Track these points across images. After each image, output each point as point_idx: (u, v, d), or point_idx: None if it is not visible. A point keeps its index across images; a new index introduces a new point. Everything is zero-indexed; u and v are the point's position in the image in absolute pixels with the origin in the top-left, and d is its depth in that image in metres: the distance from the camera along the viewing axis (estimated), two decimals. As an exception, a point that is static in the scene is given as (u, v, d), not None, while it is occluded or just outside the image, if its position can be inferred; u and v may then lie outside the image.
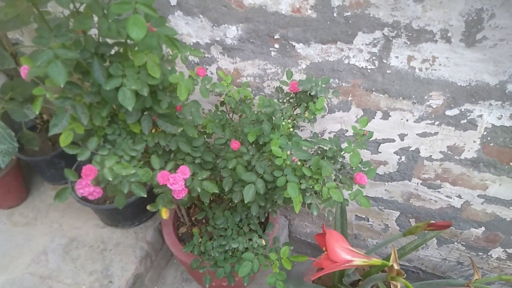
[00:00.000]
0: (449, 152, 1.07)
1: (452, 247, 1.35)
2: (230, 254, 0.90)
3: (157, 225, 1.27)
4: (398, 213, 1.32)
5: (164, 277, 1.35)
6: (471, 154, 1.04)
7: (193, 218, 1.18)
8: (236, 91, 1.00)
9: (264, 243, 0.89)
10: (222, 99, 1.05)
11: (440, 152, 1.08)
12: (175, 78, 0.71)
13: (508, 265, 1.31)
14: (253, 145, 0.89)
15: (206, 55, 1.10)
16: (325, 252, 0.78)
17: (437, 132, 1.03)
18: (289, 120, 0.81)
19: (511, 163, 1.02)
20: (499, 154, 1.01)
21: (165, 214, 0.96)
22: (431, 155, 1.10)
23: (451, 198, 1.19)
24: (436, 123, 1.01)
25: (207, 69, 1.14)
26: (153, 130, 0.90)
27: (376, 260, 0.80)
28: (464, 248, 1.33)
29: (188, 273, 1.32)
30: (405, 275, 0.78)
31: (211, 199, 1.10)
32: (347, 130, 1.14)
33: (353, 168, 0.84)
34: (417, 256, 1.46)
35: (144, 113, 0.82)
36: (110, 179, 0.69)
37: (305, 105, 0.87)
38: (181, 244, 1.04)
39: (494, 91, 0.90)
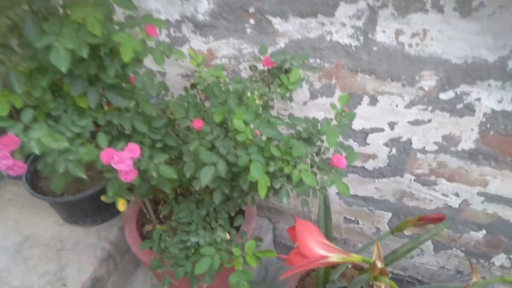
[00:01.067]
0: (444, 142, 0.96)
1: (450, 253, 1.22)
2: (193, 251, 0.78)
3: (123, 224, 1.16)
4: (390, 214, 1.20)
5: (132, 282, 1.23)
6: (469, 145, 0.93)
7: (161, 216, 1.06)
8: (208, 72, 0.90)
9: (228, 237, 0.78)
10: (193, 81, 0.95)
11: (435, 142, 0.97)
12: (119, 36, 0.61)
13: (513, 274, 1.19)
14: (221, 127, 0.79)
15: (176, 34, 1.01)
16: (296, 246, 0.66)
17: (431, 120, 0.92)
18: (257, 94, 0.71)
19: (513, 154, 0.91)
20: (500, 144, 0.90)
21: (122, 206, 0.85)
22: (424, 147, 0.99)
23: (447, 196, 1.07)
24: (429, 108, 0.90)
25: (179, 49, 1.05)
26: (106, 108, 0.79)
27: (356, 256, 0.68)
28: (464, 254, 1.21)
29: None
30: (390, 275, 0.66)
31: (179, 192, 0.98)
32: (332, 119, 1.04)
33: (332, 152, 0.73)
34: (412, 264, 1.33)
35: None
36: (37, 152, 0.58)
37: (279, 81, 0.77)
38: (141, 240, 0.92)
39: (493, 69, 0.80)
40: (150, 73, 0.72)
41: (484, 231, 1.11)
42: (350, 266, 1.24)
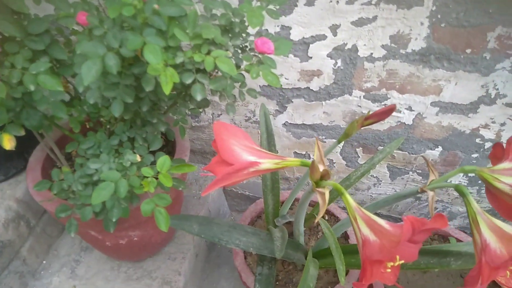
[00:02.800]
0: (392, 44, 0.84)
1: (407, 178, 1.15)
2: (102, 186, 0.63)
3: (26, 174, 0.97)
4: (342, 142, 1.09)
5: (57, 248, 1.06)
6: (419, 44, 0.83)
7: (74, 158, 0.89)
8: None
9: (139, 160, 0.63)
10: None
11: (382, 46, 0.85)
12: None
13: (470, 192, 1.13)
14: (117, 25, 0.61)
15: None
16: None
17: (376, 17, 0.80)
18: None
19: (467, 50, 0.81)
20: (453, 38, 0.80)
21: (8, 143, 0.67)
22: (371, 53, 0.87)
23: (400, 112, 0.97)
24: (374, 1, 0.78)
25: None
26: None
27: (293, 160, 0.55)
28: (421, 178, 1.14)
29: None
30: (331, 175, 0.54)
31: (88, 127, 0.81)
32: (267, 29, 0.89)
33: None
34: (369, 196, 1.25)
35: None
36: None
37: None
38: (50, 191, 0.75)
39: None
40: None
41: (440, 148, 1.03)
42: (304, 203, 1.13)
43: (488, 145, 0.98)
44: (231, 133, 0.53)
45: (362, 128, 1.04)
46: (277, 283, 0.95)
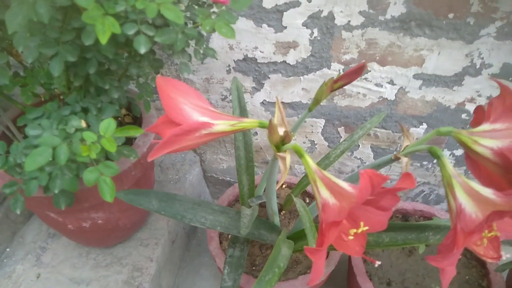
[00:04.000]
0: (370, 10, 0.79)
1: (392, 159, 1.09)
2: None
3: None
4: (323, 121, 1.04)
5: (23, 235, 1.00)
6: (399, 9, 0.77)
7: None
8: None
9: (84, 125, 0.57)
10: None
11: (360, 13, 0.80)
12: None
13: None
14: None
15: None
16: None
17: (352, -21, 0.75)
18: None
19: (449, 14, 0.76)
20: (434, 0, 0.75)
21: None
22: (349, 21, 0.82)
23: (382, 86, 0.92)
24: (348, -39, 0.73)
25: None
26: None
27: (251, 121, 0.50)
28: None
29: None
30: (296, 140, 0.49)
31: (43, 100, 0.75)
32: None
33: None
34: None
35: None
36: None
37: None
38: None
39: None
40: None
41: (425, 125, 0.98)
42: (284, 186, 1.08)
43: (474, 120, 0.93)
44: (181, 91, 0.47)
45: (343, 105, 0.99)
46: (254, 268, 0.90)
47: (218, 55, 0.94)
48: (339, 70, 0.91)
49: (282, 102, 1.03)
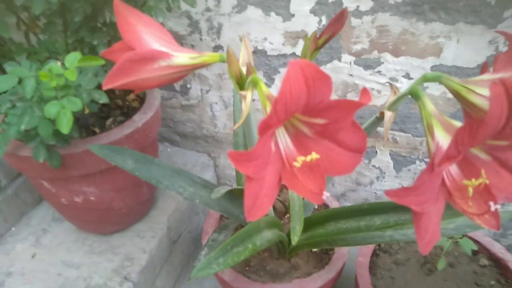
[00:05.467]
0: (379, -7, 0.76)
1: (415, 169, 0.99)
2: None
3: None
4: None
5: (31, 217, 1.02)
6: (409, -10, 0.73)
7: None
8: None
9: (60, 65, 0.57)
10: None
11: (369, -4, 0.77)
12: None
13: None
14: None
15: None
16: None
17: (358, -40, 0.73)
18: None
19: (466, -6, 0.70)
20: (447, -21, 0.70)
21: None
22: (358, 6, 0.79)
23: (397, 81, 0.86)
24: None
25: None
26: None
27: (212, 54, 0.47)
28: (430, 169, 0.98)
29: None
30: (255, 72, 0.45)
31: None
32: (247, -12, 0.85)
33: None
34: (374, 193, 1.09)
35: None
36: None
37: None
38: None
39: None
40: None
41: (448, 128, 0.88)
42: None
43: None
44: (143, 21, 0.47)
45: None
46: (247, 268, 0.83)
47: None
48: (350, 62, 0.87)
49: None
